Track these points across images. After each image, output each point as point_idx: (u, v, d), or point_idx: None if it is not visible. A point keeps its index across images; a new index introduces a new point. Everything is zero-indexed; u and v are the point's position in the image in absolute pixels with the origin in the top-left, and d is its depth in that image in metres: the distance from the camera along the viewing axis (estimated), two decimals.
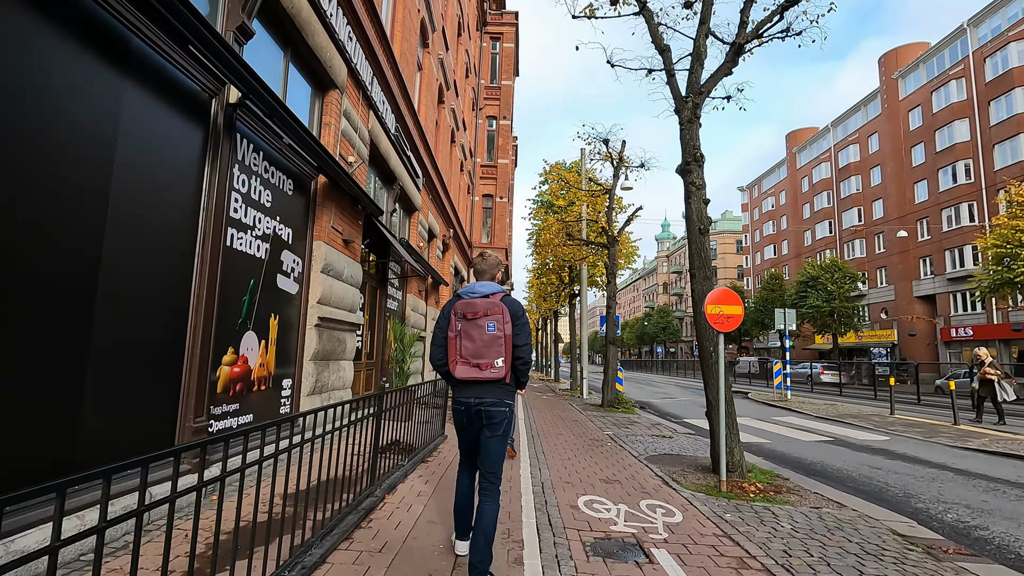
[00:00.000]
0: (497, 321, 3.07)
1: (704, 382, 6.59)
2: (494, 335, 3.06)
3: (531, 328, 36.46)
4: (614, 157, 15.85)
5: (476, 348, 3.08)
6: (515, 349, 3.10)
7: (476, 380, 3.09)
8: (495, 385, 3.11)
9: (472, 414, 3.13)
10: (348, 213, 7.42)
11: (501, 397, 3.12)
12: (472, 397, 3.12)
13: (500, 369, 3.05)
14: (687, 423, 12.28)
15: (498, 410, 3.11)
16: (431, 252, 15.39)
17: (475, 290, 3.20)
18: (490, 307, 3.09)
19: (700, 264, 6.78)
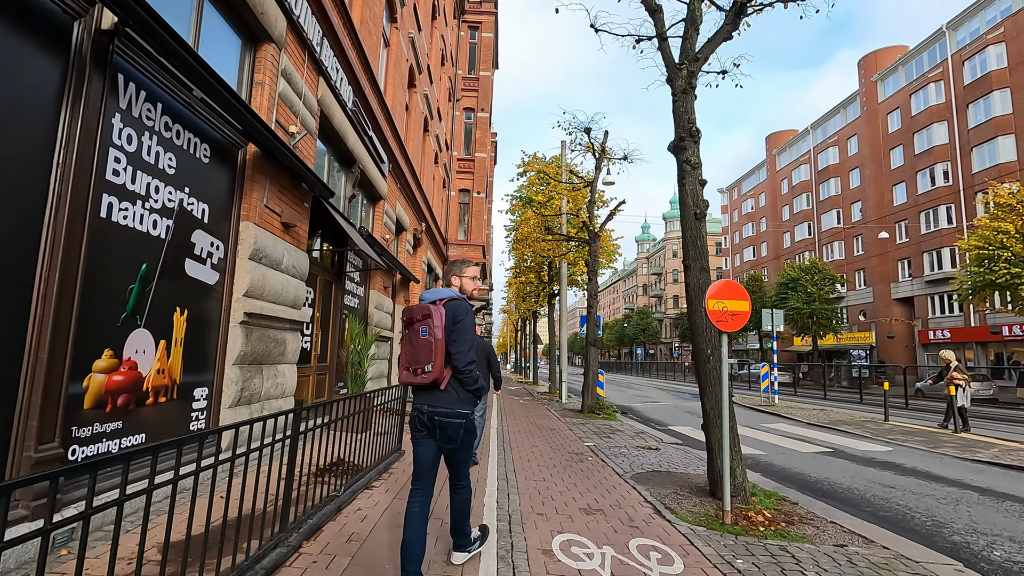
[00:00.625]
0: (428, 325, 3.00)
1: (700, 390, 5.69)
2: (426, 340, 3.00)
3: (502, 331, 35.67)
4: (596, 148, 15.00)
5: (414, 353, 3.05)
6: (448, 356, 3.01)
7: (416, 385, 3.06)
8: (444, 393, 3.04)
9: (426, 421, 3.08)
10: (289, 192, 6.36)
11: (453, 407, 3.03)
12: (426, 404, 3.07)
13: (428, 374, 2.97)
14: (673, 431, 11.44)
15: (452, 422, 3.03)
16: (400, 246, 14.32)
17: (423, 297, 3.18)
18: (422, 311, 3.05)
19: (696, 254, 5.88)
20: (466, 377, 3.01)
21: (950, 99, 33.89)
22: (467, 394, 3.08)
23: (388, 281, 12.27)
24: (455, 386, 3.06)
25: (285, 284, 6.24)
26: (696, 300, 5.74)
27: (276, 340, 6.11)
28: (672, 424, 12.62)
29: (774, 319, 15.77)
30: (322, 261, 8.46)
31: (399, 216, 13.29)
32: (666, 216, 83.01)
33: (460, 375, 3.02)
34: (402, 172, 13.00)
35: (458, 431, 3.04)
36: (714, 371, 5.54)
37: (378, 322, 11.32)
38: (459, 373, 3.01)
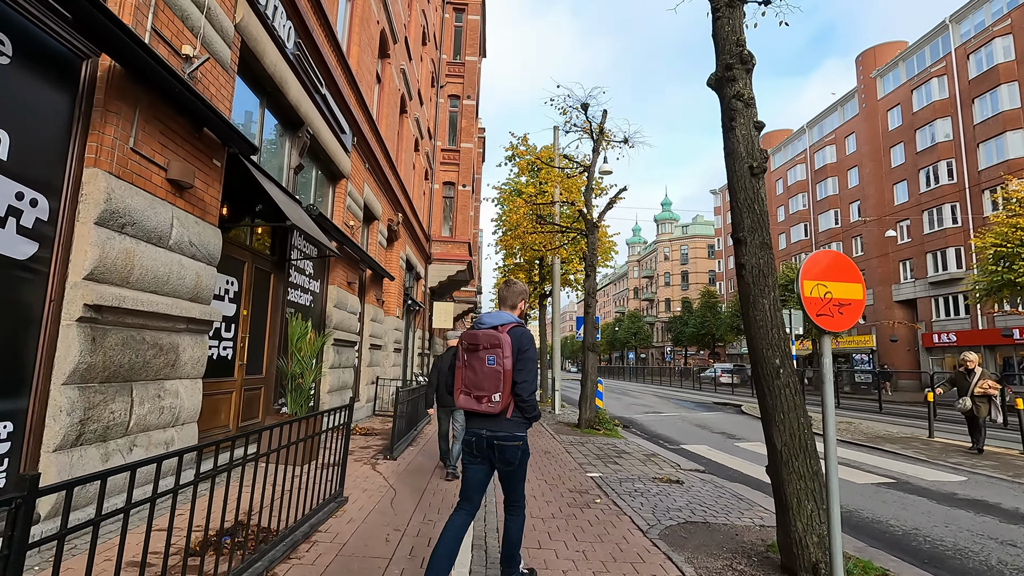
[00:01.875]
0: (497, 355, 3.02)
1: (764, 415, 3.97)
2: (493, 369, 3.02)
3: None
4: (594, 129, 13.33)
5: (476, 380, 3.07)
6: (514, 386, 3.02)
7: (476, 412, 3.08)
8: (502, 419, 3.06)
9: (484, 446, 3.09)
10: (183, 139, 4.57)
11: (512, 431, 3.07)
12: (484, 429, 3.09)
13: (496, 404, 3.00)
14: (687, 451, 9.72)
15: (511, 445, 3.07)
16: (371, 237, 12.51)
17: (483, 321, 3.19)
18: (491, 339, 3.05)
19: (754, 223, 4.17)
20: (528, 406, 3.08)
21: (954, 94, 32.74)
22: (524, 419, 3.12)
23: (353, 276, 10.47)
24: (515, 412, 3.08)
25: (175, 268, 4.43)
26: (756, 287, 4.02)
27: (158, 347, 4.30)
28: (684, 442, 10.90)
29: (792, 320, 14.15)
30: (253, 243, 6.65)
31: (368, 202, 11.49)
32: (657, 218, 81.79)
33: (524, 404, 3.07)
34: (371, 150, 11.21)
35: (516, 453, 3.09)
36: (787, 390, 3.82)
37: (339, 323, 9.51)
38: (523, 402, 3.06)
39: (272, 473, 5.10)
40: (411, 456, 7.56)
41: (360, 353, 11.96)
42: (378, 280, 12.96)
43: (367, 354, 12.10)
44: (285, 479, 3.96)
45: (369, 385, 12.20)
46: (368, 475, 6.13)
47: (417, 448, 8.34)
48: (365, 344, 12.09)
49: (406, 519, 4.59)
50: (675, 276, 76.30)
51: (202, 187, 4.86)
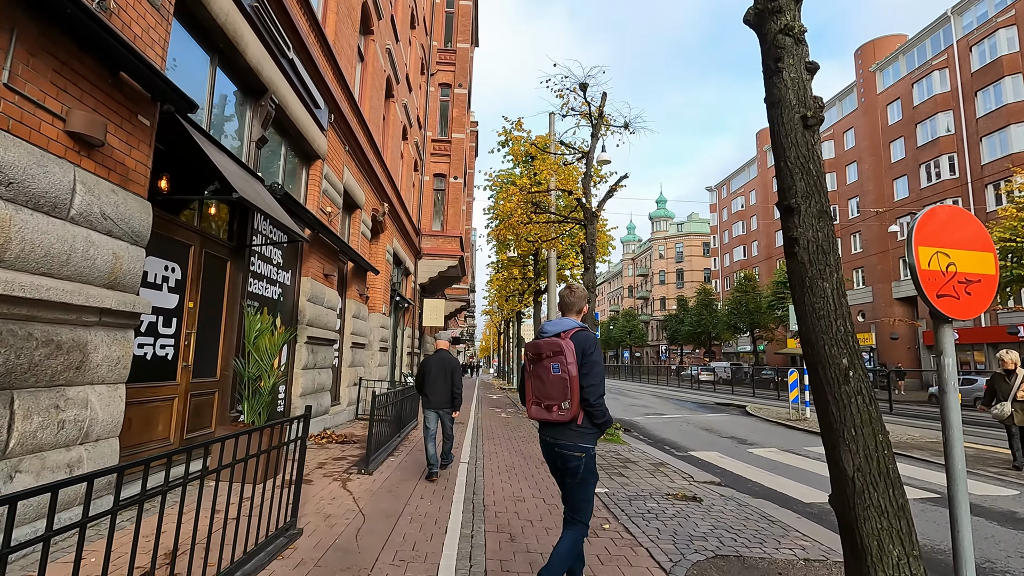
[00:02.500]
0: (560, 362, 2.95)
1: (826, 434, 3.09)
2: (559, 376, 2.95)
3: (485, 334, 32.45)
4: (593, 113, 12.47)
5: (544, 389, 3.02)
6: (582, 391, 2.92)
7: (547, 421, 3.03)
8: (567, 427, 2.99)
9: (551, 454, 3.09)
10: (89, 82, 3.65)
11: (575, 441, 2.98)
12: (549, 436, 3.07)
13: (566, 411, 2.93)
14: (698, 459, 8.87)
15: (572, 455, 2.98)
16: (353, 227, 11.59)
17: (546, 330, 3.13)
18: (554, 347, 2.98)
19: (809, 187, 3.29)
20: (597, 411, 2.96)
21: (956, 87, 32.13)
22: (593, 428, 3.01)
23: (332, 267, 9.55)
24: (584, 419, 2.98)
25: (80, 245, 3.51)
26: (814, 267, 3.16)
27: (55, 344, 3.39)
28: (693, 448, 10.06)
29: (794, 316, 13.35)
30: (203, 224, 5.72)
31: (349, 188, 10.56)
32: (652, 216, 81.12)
33: (592, 408, 2.95)
34: (352, 132, 10.29)
35: (579, 466, 2.98)
36: (858, 399, 2.96)
37: (313, 319, 8.59)
38: (591, 407, 2.95)
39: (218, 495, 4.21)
40: (390, 469, 6.66)
41: (340, 352, 11.04)
42: (361, 274, 12.04)
43: (349, 353, 11.18)
44: (230, 504, 3.07)
45: (351, 387, 11.28)
46: (335, 495, 5.23)
47: (399, 459, 7.44)
48: (346, 343, 11.17)
49: (372, 558, 3.69)
50: (670, 274, 75.66)
51: (122, 148, 3.94)
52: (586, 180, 12.42)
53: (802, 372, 13.27)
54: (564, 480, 3.06)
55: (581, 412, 2.96)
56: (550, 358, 2.99)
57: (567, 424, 2.97)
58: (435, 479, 6.11)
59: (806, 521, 5.13)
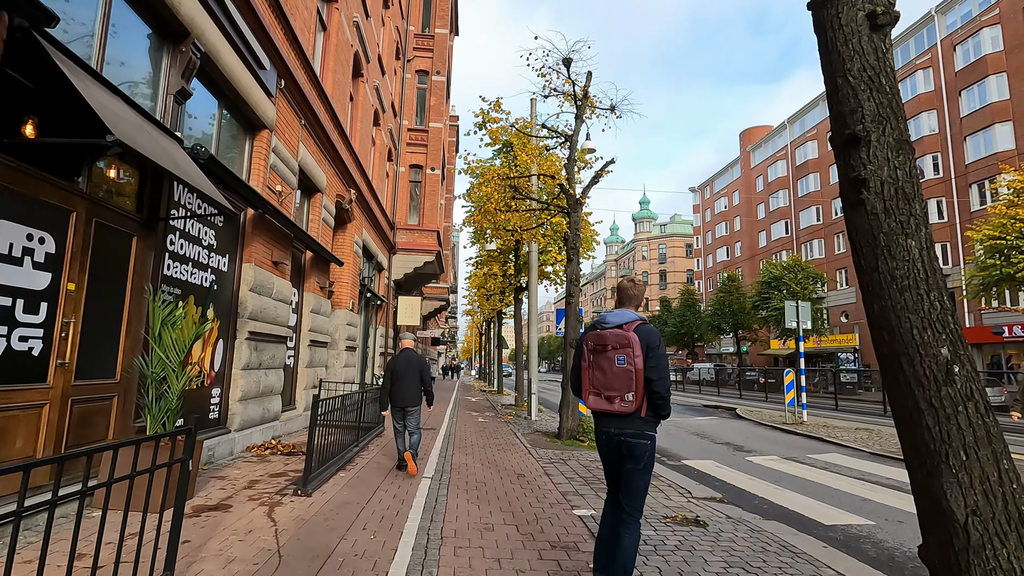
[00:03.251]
0: (627, 354, 2.97)
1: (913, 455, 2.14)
2: (624, 368, 2.97)
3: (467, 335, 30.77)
4: (577, 93, 11.56)
5: (606, 380, 3.04)
6: (648, 383, 2.96)
7: (608, 412, 3.05)
8: (631, 417, 3.01)
9: (613, 444, 3.10)
10: None
11: (641, 428, 3.02)
12: (612, 427, 3.08)
13: (630, 403, 2.96)
14: (693, 469, 7.95)
15: (639, 442, 3.01)
16: (311, 212, 10.48)
17: (607, 320, 3.15)
18: (619, 339, 3.01)
19: (881, 108, 2.36)
20: (666, 403, 3.03)
21: (939, 87, 31.99)
22: (656, 419, 3.06)
23: (283, 254, 8.44)
24: (648, 410, 3.01)
25: None
26: (894, 218, 2.23)
27: None
28: (686, 456, 9.15)
29: (800, 313, 12.52)
30: (96, 188, 4.61)
31: (306, 167, 9.46)
32: (635, 217, 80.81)
33: (661, 401, 3.00)
34: (309, 105, 9.19)
35: (645, 451, 3.01)
36: (969, 407, 2.01)
37: (257, 312, 7.48)
38: (661, 399, 3.00)
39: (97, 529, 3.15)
40: (337, 487, 5.60)
41: (297, 351, 9.92)
42: (323, 265, 10.93)
43: (306, 352, 10.06)
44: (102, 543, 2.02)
45: (309, 390, 10.16)
46: (255, 527, 4.16)
47: (352, 473, 6.38)
48: (304, 340, 10.05)
49: None
50: (653, 275, 75.33)
51: None
52: (570, 165, 11.50)
53: (798, 372, 12.48)
54: (624, 467, 3.04)
55: (645, 403, 2.98)
56: (616, 350, 3.00)
57: (631, 415, 2.99)
58: (404, 469, 6.57)
59: (837, 553, 4.20)
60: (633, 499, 3.06)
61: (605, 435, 3.12)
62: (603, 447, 3.18)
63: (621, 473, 3.08)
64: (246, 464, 6.51)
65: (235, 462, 6.59)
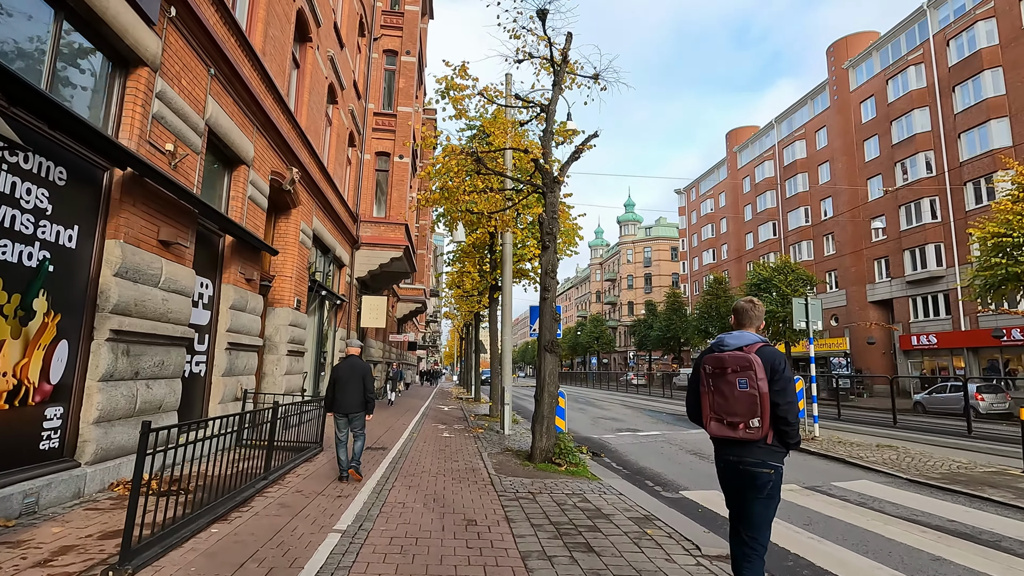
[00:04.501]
0: (749, 378, 2.82)
1: None
2: (746, 392, 2.83)
3: (449, 341, 28.29)
4: (555, 56, 9.97)
5: (728, 405, 2.90)
6: (775, 408, 2.79)
7: (730, 439, 2.90)
8: (754, 445, 2.85)
9: (733, 473, 2.96)
10: None
11: (764, 458, 2.84)
12: (733, 455, 2.93)
13: (756, 429, 2.80)
14: (695, 504, 6.30)
15: (762, 472, 2.84)
16: (233, 188, 8.68)
17: (725, 343, 3.02)
18: (740, 362, 2.87)
19: None
20: (794, 431, 2.85)
21: (932, 83, 31.04)
22: (783, 447, 2.88)
23: (178, 232, 6.63)
24: (774, 438, 2.85)
25: None
26: None
27: None
28: (684, 484, 7.50)
29: (810, 313, 10.97)
30: None
31: (220, 128, 7.67)
32: (620, 219, 79.68)
33: (789, 428, 2.82)
34: (221, 52, 7.41)
35: (768, 480, 2.84)
36: None
37: (129, 305, 5.67)
38: (788, 426, 2.82)
39: None
40: (181, 562, 3.82)
41: (209, 356, 8.10)
42: (250, 253, 9.12)
43: (223, 358, 8.24)
44: None
45: (228, 403, 8.33)
46: None
47: (229, 527, 4.60)
48: (219, 343, 8.23)
49: None
50: (638, 279, 74.16)
51: None
52: (546, 138, 9.86)
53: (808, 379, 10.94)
54: (746, 496, 2.90)
55: (771, 430, 2.82)
56: (736, 373, 2.87)
57: (755, 442, 2.83)
58: (346, 480, 6.54)
59: None
60: (756, 531, 2.92)
61: (724, 463, 3.00)
62: (724, 476, 3.05)
63: (743, 504, 2.93)
64: (87, 513, 4.70)
65: (74, 509, 4.77)
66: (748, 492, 2.88)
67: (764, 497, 2.84)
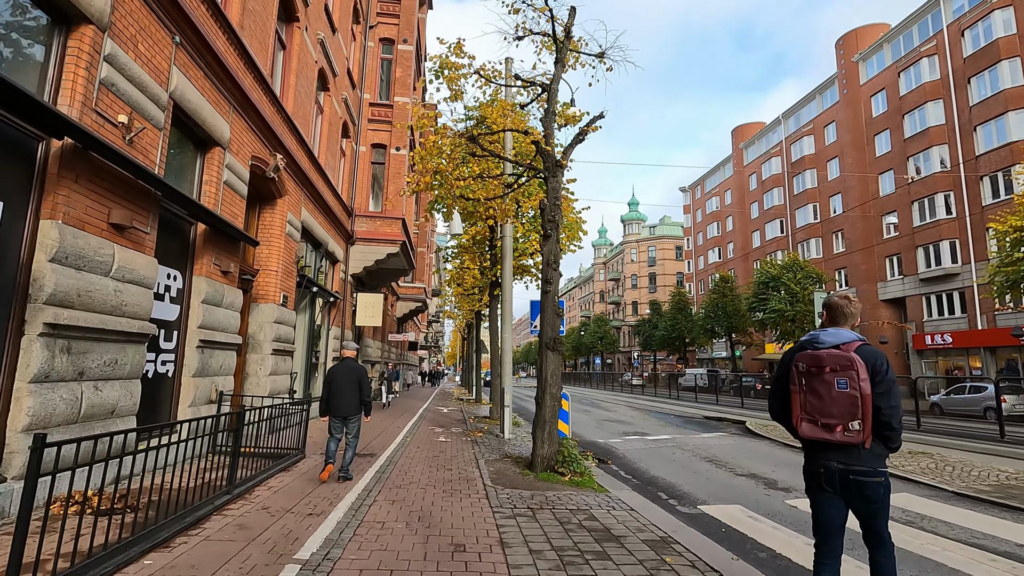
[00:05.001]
0: (850, 378, 2.63)
1: None
2: (846, 393, 2.63)
3: (452, 341, 27.25)
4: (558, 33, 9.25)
5: (823, 406, 2.71)
6: (877, 412, 2.59)
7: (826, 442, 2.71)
8: (858, 449, 2.64)
9: (837, 481, 2.70)
10: None
11: (873, 464, 2.65)
12: (836, 461, 2.70)
13: (856, 432, 2.60)
14: (717, 522, 5.54)
15: (872, 481, 2.63)
16: (206, 171, 7.96)
17: (821, 340, 2.81)
18: (839, 360, 2.67)
19: None
20: (896, 435, 2.67)
21: (947, 74, 30.16)
22: (886, 451, 2.69)
23: (136, 216, 5.92)
24: (876, 442, 2.66)
25: None
26: None
27: None
28: (702, 497, 6.73)
29: None
30: None
31: (188, 104, 6.96)
32: (624, 218, 78.82)
33: (892, 433, 2.64)
34: (190, 21, 6.69)
35: (878, 491, 2.64)
36: None
37: (69, 295, 4.96)
38: (891, 431, 2.63)
39: None
40: None
41: (178, 355, 7.38)
42: (226, 243, 8.40)
43: (194, 356, 7.52)
44: None
45: (199, 406, 7.61)
46: None
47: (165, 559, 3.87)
48: (190, 340, 7.51)
49: None
50: (642, 278, 73.30)
51: None
52: (547, 119, 9.12)
53: None
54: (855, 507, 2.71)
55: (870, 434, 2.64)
56: (836, 372, 2.68)
57: (856, 446, 2.65)
58: None
59: None
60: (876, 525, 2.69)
61: (825, 470, 2.73)
62: (819, 484, 2.76)
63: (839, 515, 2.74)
64: (4, 539, 3.97)
65: None
66: (857, 502, 2.68)
67: (877, 506, 2.66)
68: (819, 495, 2.80)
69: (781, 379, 2.96)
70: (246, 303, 9.98)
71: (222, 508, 5.06)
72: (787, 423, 2.94)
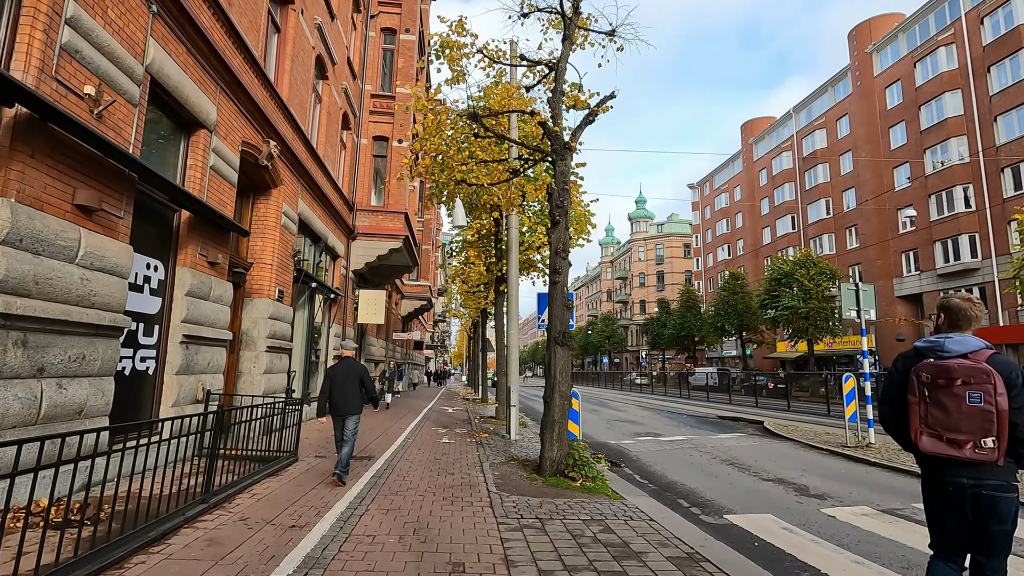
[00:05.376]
0: (985, 392, 2.38)
1: None
2: (979, 408, 2.38)
3: (458, 341, 26.39)
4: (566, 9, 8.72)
5: (950, 421, 2.46)
6: (1013, 428, 2.36)
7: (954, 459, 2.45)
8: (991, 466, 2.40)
9: (967, 498, 2.44)
10: None
11: (1008, 479, 2.42)
12: (966, 477, 2.45)
13: (989, 450, 2.37)
14: (747, 534, 4.96)
15: (1005, 496, 2.39)
16: (191, 155, 7.45)
17: (946, 348, 2.53)
18: (972, 373, 2.42)
19: None
20: None
21: (965, 63, 29.28)
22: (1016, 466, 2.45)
23: (103, 196, 5.41)
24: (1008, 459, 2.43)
25: None
26: None
27: None
28: (727, 505, 6.14)
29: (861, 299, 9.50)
30: None
31: (169, 81, 6.45)
32: (631, 216, 78.01)
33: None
34: None
35: (1010, 507, 2.39)
36: None
37: (21, 282, 4.45)
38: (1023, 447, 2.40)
39: None
40: None
41: (160, 351, 6.88)
42: (214, 232, 7.89)
43: (177, 353, 7.01)
44: None
45: (184, 406, 7.11)
46: None
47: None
48: (173, 335, 7.01)
49: None
50: (650, 276, 72.49)
51: None
52: (555, 99, 8.57)
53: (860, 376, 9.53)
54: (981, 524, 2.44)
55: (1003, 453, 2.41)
56: (968, 385, 2.43)
57: (991, 463, 2.41)
58: None
59: None
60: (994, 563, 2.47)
61: (954, 487, 2.47)
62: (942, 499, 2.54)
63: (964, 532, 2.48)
64: None
65: None
66: (987, 521, 2.43)
67: (1006, 529, 2.42)
68: (942, 513, 2.57)
69: (895, 388, 2.74)
70: (239, 298, 9.50)
71: (194, 520, 4.54)
72: (900, 435, 2.72)
